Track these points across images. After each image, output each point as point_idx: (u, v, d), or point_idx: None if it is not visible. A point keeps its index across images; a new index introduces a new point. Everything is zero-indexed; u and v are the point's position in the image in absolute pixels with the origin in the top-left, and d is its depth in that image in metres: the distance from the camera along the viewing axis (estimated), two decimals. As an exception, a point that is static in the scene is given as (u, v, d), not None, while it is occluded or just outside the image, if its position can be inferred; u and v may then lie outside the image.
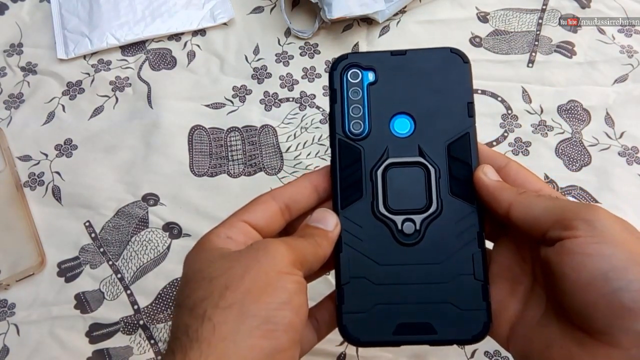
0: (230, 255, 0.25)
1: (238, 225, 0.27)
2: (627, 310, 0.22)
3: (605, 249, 0.23)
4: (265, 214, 0.28)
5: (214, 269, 0.24)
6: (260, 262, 0.24)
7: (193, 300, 0.24)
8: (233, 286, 0.23)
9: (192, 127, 0.53)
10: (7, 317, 0.45)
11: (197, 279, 0.25)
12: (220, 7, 0.60)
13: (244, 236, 0.27)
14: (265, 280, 0.24)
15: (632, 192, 0.49)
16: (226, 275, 0.24)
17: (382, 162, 0.30)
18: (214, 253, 0.26)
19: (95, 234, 0.48)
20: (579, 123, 0.53)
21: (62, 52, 0.57)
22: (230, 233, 0.27)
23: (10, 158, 0.51)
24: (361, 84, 0.31)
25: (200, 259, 0.26)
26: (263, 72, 0.57)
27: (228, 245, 0.26)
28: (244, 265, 0.24)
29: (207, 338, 0.22)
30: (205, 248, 0.26)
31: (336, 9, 0.54)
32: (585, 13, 0.60)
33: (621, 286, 0.22)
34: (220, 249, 0.26)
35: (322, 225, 0.28)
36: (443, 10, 0.60)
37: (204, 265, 0.25)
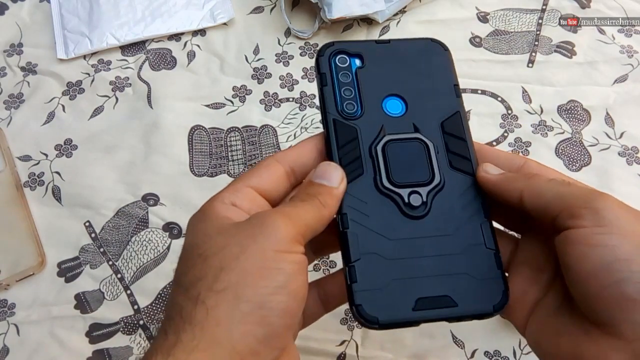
0: (227, 230, 0.24)
1: (244, 191, 0.26)
2: (631, 301, 0.22)
3: (610, 240, 0.22)
4: (272, 178, 0.27)
5: (210, 246, 0.24)
6: (257, 240, 0.23)
7: (188, 280, 0.23)
8: (228, 267, 0.23)
9: (192, 127, 0.53)
10: (7, 317, 0.45)
11: (192, 256, 0.24)
12: (220, 7, 0.60)
13: (249, 202, 0.26)
14: (261, 261, 0.23)
15: (632, 192, 0.49)
16: (221, 254, 0.23)
17: (380, 139, 0.30)
18: (213, 225, 0.25)
19: (95, 234, 0.48)
20: (579, 123, 0.53)
21: (62, 52, 0.57)
22: (235, 199, 0.26)
23: (10, 158, 0.51)
24: (350, 68, 0.31)
25: (199, 230, 0.25)
26: (263, 72, 0.57)
27: (231, 215, 0.25)
28: (240, 243, 0.23)
29: (201, 322, 0.22)
30: (206, 217, 0.25)
31: (336, 9, 0.54)
32: (585, 13, 0.60)
33: (624, 277, 0.22)
34: (220, 219, 0.25)
35: (327, 182, 0.27)
36: (443, 10, 0.60)
37: (200, 240, 0.24)
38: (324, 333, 0.44)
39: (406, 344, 0.43)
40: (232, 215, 0.25)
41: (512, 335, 0.43)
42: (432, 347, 0.43)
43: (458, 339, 0.43)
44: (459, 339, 0.43)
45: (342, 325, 0.44)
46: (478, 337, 0.43)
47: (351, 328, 0.44)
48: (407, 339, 0.43)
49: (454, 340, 0.43)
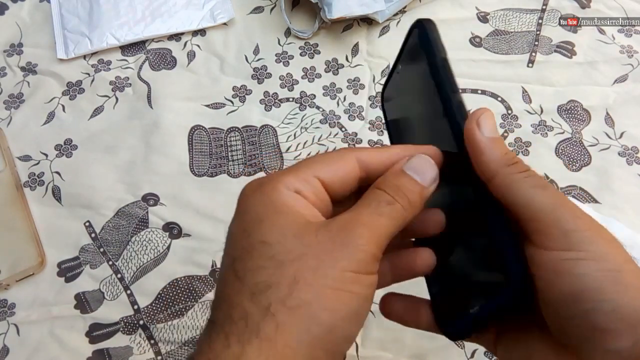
0: (304, 233, 0.22)
1: (311, 182, 0.23)
2: (599, 331, 0.20)
3: (580, 267, 0.21)
4: (345, 177, 0.24)
5: (285, 250, 0.21)
6: (336, 257, 0.21)
7: (256, 282, 0.21)
8: (303, 281, 0.21)
9: (192, 127, 0.53)
10: (7, 317, 0.45)
11: (262, 254, 0.21)
12: (220, 7, 0.60)
13: (314, 196, 0.23)
14: (340, 282, 0.21)
15: (632, 192, 0.49)
16: (297, 264, 0.21)
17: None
18: (286, 220, 0.22)
19: (95, 234, 0.48)
20: (579, 123, 0.53)
21: (62, 52, 0.57)
22: (301, 187, 0.23)
23: (10, 158, 0.51)
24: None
25: (267, 220, 0.22)
26: (263, 72, 0.57)
27: (297, 206, 0.23)
28: (317, 256, 0.21)
29: (268, 337, 0.20)
30: (274, 205, 0.23)
31: (336, 9, 0.54)
32: (585, 13, 0.60)
33: (594, 307, 0.20)
34: (292, 213, 0.22)
35: (420, 178, 0.24)
36: (443, 10, 0.60)
37: (271, 237, 0.22)
38: (324, 333, 0.43)
39: (406, 344, 0.43)
40: (303, 209, 0.23)
41: (512, 335, 0.43)
42: (432, 347, 0.43)
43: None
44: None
45: (342, 325, 0.44)
46: (478, 337, 0.43)
47: (351, 328, 0.44)
48: (407, 339, 0.43)
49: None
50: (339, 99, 0.55)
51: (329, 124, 0.54)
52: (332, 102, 0.55)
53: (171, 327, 0.45)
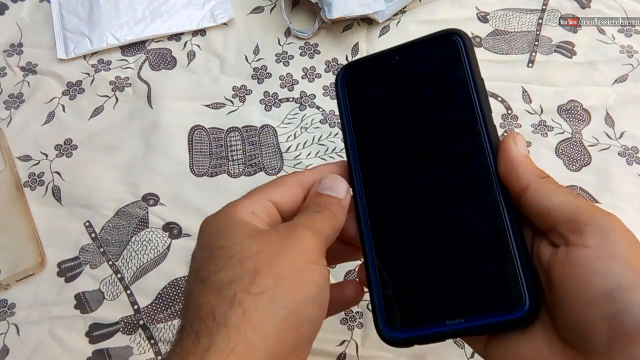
0: (258, 235, 0.24)
1: (264, 204, 0.27)
2: (628, 334, 0.20)
3: (615, 266, 0.21)
4: (292, 199, 0.28)
5: (243, 249, 0.24)
6: (288, 250, 0.24)
7: (220, 280, 0.23)
8: (263, 271, 0.23)
9: (192, 127, 0.53)
10: (7, 317, 0.45)
11: (223, 256, 0.24)
12: (220, 7, 0.60)
13: (268, 216, 0.26)
14: (294, 271, 0.23)
15: (632, 192, 0.49)
16: (256, 258, 0.23)
17: None
18: (241, 228, 0.25)
19: (95, 234, 0.48)
20: (579, 123, 0.53)
21: (62, 52, 0.57)
22: (256, 209, 0.26)
23: (10, 158, 0.51)
24: None
25: (225, 232, 0.25)
26: (263, 72, 0.57)
27: (256, 222, 0.25)
28: (272, 251, 0.24)
29: (237, 324, 0.21)
30: (231, 220, 0.25)
31: (336, 9, 0.54)
32: (585, 13, 0.60)
33: (625, 308, 0.20)
34: (246, 224, 0.25)
35: (334, 193, 0.27)
36: (443, 10, 0.60)
37: (230, 242, 0.24)
38: (324, 333, 0.43)
39: (406, 344, 0.43)
40: (256, 222, 0.25)
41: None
42: (432, 347, 0.43)
43: (458, 339, 0.43)
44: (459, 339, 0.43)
45: (342, 325, 0.44)
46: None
47: (351, 328, 0.44)
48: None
49: (454, 340, 0.43)
50: (339, 99, 0.55)
51: (329, 124, 0.54)
52: (332, 102, 0.55)
53: (171, 327, 0.45)
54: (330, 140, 0.53)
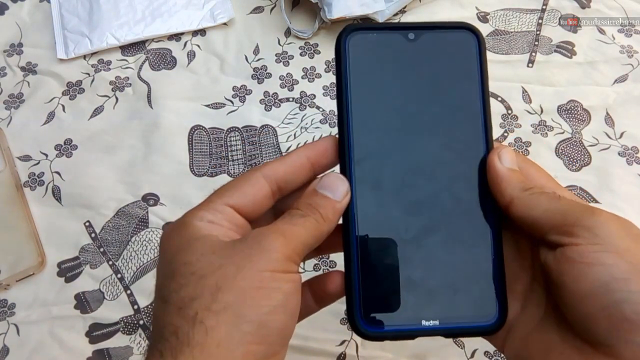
0: (220, 249, 0.23)
1: (222, 210, 0.25)
2: (629, 322, 0.21)
3: (607, 258, 0.22)
4: (255, 198, 0.26)
5: (203, 266, 0.23)
6: (253, 260, 0.23)
7: (181, 298, 0.22)
8: (225, 287, 0.22)
9: (192, 127, 0.53)
10: (7, 317, 0.45)
11: (183, 274, 0.23)
12: (220, 7, 0.60)
13: (229, 222, 0.25)
14: (259, 282, 0.22)
15: (632, 192, 0.49)
16: (217, 274, 0.22)
17: None
18: (203, 243, 0.24)
19: (95, 234, 0.48)
20: (579, 123, 0.53)
21: (62, 52, 0.57)
22: (214, 218, 0.24)
23: (10, 158, 0.51)
24: None
25: (185, 247, 0.24)
26: (263, 72, 0.57)
27: (213, 232, 0.24)
28: (236, 263, 0.23)
29: (200, 342, 0.21)
30: (189, 235, 0.24)
31: (336, 9, 0.54)
32: (585, 13, 0.60)
33: (623, 297, 0.21)
34: (208, 237, 0.24)
35: (331, 194, 0.25)
36: (443, 10, 0.60)
37: (191, 258, 0.23)
38: (324, 333, 0.44)
39: (406, 344, 0.43)
40: (214, 232, 0.24)
41: (512, 335, 0.43)
42: (432, 347, 0.43)
43: (458, 339, 0.43)
44: (459, 339, 0.43)
45: (342, 325, 0.44)
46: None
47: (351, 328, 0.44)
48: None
49: (454, 340, 0.43)
50: (339, 99, 0.55)
51: (329, 124, 0.54)
52: (332, 102, 0.55)
53: (171, 327, 0.45)
54: (330, 140, 0.53)
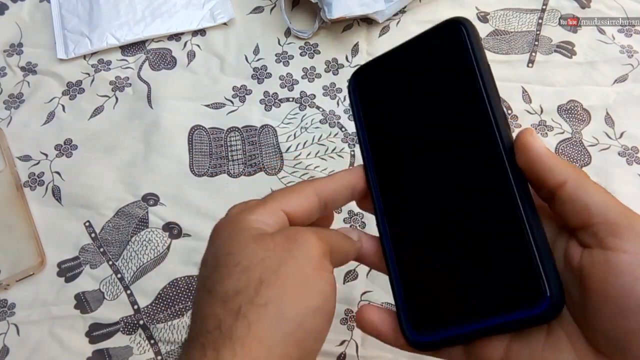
0: (263, 240, 0.24)
1: (278, 214, 0.26)
2: None
3: None
4: (307, 209, 0.26)
5: (247, 257, 0.23)
6: (294, 255, 0.23)
7: (225, 291, 0.22)
8: (268, 281, 0.22)
9: (192, 127, 0.53)
10: (7, 317, 0.45)
11: (228, 264, 0.23)
12: (220, 7, 0.60)
13: (279, 227, 0.26)
14: (300, 278, 0.23)
15: (632, 192, 0.49)
16: (261, 266, 0.23)
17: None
18: (247, 234, 0.24)
19: (95, 234, 0.48)
20: (579, 123, 0.53)
21: (62, 52, 0.57)
22: (268, 220, 0.25)
23: (10, 158, 0.51)
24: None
25: (232, 239, 0.24)
26: (263, 72, 0.57)
27: (263, 227, 0.25)
28: (278, 257, 0.23)
29: (241, 337, 0.21)
30: (238, 226, 0.25)
31: (336, 9, 0.54)
32: (585, 13, 0.60)
33: None
34: (253, 229, 0.24)
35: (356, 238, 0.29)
36: (443, 10, 0.60)
37: (235, 249, 0.24)
38: (324, 333, 0.44)
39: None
40: (264, 227, 0.25)
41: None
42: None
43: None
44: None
45: (342, 325, 0.44)
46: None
47: (351, 328, 0.44)
48: (407, 339, 0.43)
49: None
50: (339, 99, 0.55)
51: (329, 124, 0.54)
52: (332, 102, 0.55)
53: (171, 327, 0.45)
54: (330, 140, 0.53)
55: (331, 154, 0.52)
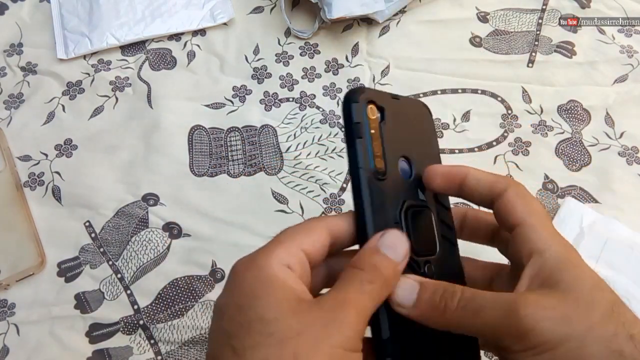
0: (300, 310, 0.23)
1: (297, 254, 0.25)
2: None
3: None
4: (321, 246, 0.26)
5: (283, 328, 0.23)
6: (330, 334, 0.23)
7: (255, 356, 0.22)
8: (303, 358, 0.22)
9: (192, 127, 0.53)
10: (7, 317, 0.45)
11: (261, 332, 0.23)
12: (220, 7, 0.60)
13: (301, 269, 0.25)
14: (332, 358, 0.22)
15: (632, 192, 0.49)
16: (295, 342, 0.22)
17: (402, 204, 0.28)
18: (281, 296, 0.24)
19: (95, 234, 0.48)
20: (579, 123, 0.53)
21: (62, 52, 0.57)
22: (290, 261, 0.25)
23: (10, 158, 0.51)
24: (378, 122, 0.29)
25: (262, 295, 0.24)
26: (263, 72, 0.57)
27: (288, 281, 0.24)
28: (313, 334, 0.23)
29: None
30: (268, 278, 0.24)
31: (336, 9, 0.54)
32: (585, 13, 0.60)
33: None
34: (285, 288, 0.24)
35: (393, 255, 0.25)
36: (443, 10, 0.60)
37: (269, 314, 0.23)
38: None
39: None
40: (295, 285, 0.24)
41: (512, 335, 0.43)
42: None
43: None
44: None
45: (342, 325, 0.44)
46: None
47: (351, 328, 0.44)
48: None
49: (454, 340, 0.43)
50: (339, 99, 0.55)
51: (329, 124, 0.54)
52: (332, 102, 0.55)
53: (171, 327, 0.45)
54: (330, 140, 0.53)
55: (331, 154, 0.52)
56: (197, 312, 0.45)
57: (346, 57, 0.57)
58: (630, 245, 0.45)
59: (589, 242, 0.45)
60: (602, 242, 0.45)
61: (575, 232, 0.46)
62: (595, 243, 0.45)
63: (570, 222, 0.46)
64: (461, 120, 0.53)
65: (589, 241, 0.45)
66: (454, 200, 0.30)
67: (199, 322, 0.44)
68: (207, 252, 0.47)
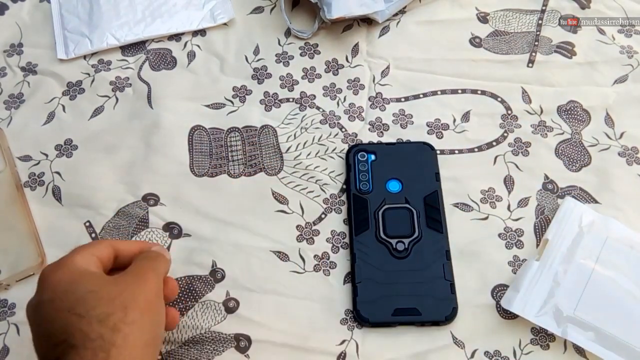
0: (113, 282, 0.34)
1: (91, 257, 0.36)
2: None
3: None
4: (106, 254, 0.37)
5: (110, 291, 0.33)
6: (142, 287, 0.34)
7: (97, 314, 0.32)
8: (131, 306, 0.33)
9: (192, 127, 0.53)
10: (7, 317, 0.45)
11: (95, 298, 0.32)
12: (220, 8, 0.60)
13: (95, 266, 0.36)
14: (150, 304, 0.34)
15: (632, 192, 0.49)
16: (122, 297, 0.33)
17: (381, 207, 0.46)
18: (97, 275, 0.35)
19: (95, 234, 0.48)
20: (578, 123, 0.53)
21: (62, 52, 0.57)
22: (88, 260, 0.35)
23: (10, 158, 0.51)
24: (367, 161, 0.49)
25: (78, 280, 0.33)
26: (263, 72, 0.57)
27: (91, 267, 0.35)
28: (131, 290, 0.34)
29: (121, 345, 0.31)
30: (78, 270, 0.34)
31: (336, 9, 0.54)
32: (585, 13, 0.60)
33: None
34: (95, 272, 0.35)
35: (162, 249, 0.41)
36: (443, 10, 0.60)
37: (95, 287, 0.33)
38: (324, 333, 0.44)
39: (406, 343, 0.43)
40: (97, 270, 0.35)
41: (512, 335, 0.43)
42: (432, 347, 0.43)
43: (458, 339, 0.43)
44: (459, 339, 0.43)
45: (342, 325, 0.44)
46: (478, 337, 0.43)
47: (351, 328, 0.44)
48: (407, 339, 0.43)
49: (454, 340, 0.43)
50: (339, 100, 0.55)
51: (329, 124, 0.54)
52: (332, 102, 0.55)
53: (171, 327, 0.45)
54: (330, 141, 0.53)
55: (331, 154, 0.52)
56: (197, 311, 0.45)
57: (346, 58, 0.57)
58: (630, 245, 0.45)
59: (588, 242, 0.45)
60: (602, 241, 0.45)
61: (574, 231, 0.46)
62: (594, 243, 0.45)
63: (569, 222, 0.46)
64: (461, 120, 0.53)
65: (588, 241, 0.45)
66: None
67: (199, 322, 0.44)
68: (207, 252, 0.47)
